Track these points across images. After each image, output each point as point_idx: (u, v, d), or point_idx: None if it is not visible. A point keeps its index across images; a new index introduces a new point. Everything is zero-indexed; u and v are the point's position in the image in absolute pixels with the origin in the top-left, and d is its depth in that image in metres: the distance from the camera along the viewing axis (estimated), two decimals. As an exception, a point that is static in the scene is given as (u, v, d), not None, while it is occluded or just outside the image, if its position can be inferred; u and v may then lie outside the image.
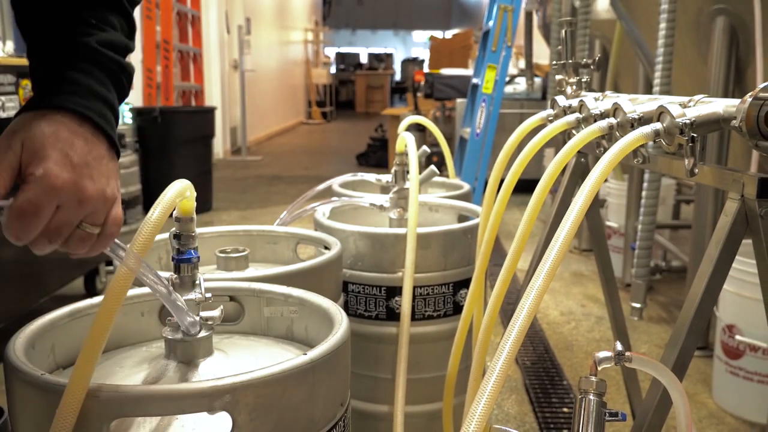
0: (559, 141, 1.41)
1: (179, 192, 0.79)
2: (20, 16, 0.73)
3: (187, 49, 6.76)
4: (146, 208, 4.36)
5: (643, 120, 1.02)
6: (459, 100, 5.86)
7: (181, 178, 0.80)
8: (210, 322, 0.88)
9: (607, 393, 0.76)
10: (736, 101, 0.88)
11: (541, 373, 2.41)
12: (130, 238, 0.72)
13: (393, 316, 1.55)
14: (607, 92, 1.27)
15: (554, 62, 1.49)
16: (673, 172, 1.13)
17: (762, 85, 0.85)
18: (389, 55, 21.73)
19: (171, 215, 0.79)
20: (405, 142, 1.67)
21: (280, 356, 0.96)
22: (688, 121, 0.89)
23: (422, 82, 6.73)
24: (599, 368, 0.75)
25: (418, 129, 5.65)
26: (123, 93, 0.73)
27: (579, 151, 1.49)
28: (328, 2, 18.39)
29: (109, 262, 3.10)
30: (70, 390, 0.69)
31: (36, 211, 0.61)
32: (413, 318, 1.53)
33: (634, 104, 1.05)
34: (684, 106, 0.94)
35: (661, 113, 0.93)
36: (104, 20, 0.72)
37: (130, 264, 0.71)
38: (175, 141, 4.85)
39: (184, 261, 0.86)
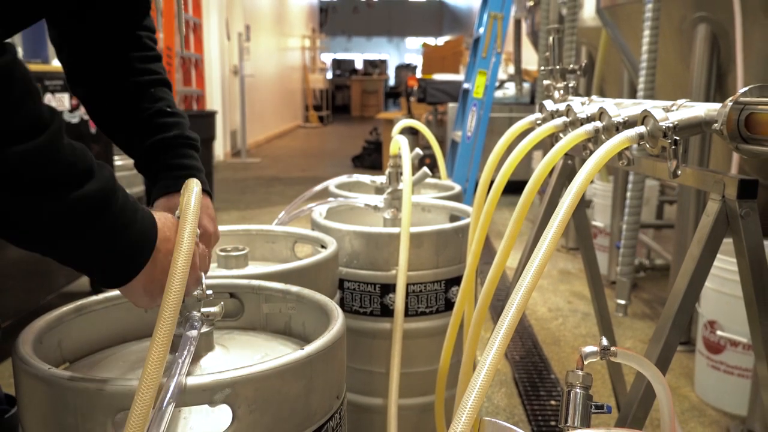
0: (547, 144, 1.43)
1: (198, 199, 0.82)
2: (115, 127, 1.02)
3: (189, 55, 6.74)
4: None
5: (628, 123, 1.03)
6: (450, 105, 5.89)
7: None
8: (211, 318, 0.89)
9: (593, 386, 0.77)
10: (718, 105, 0.89)
11: (530, 367, 2.44)
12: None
13: (387, 312, 1.57)
14: (593, 97, 1.28)
15: (542, 68, 1.52)
16: (657, 174, 1.16)
17: (742, 90, 0.86)
18: (383, 61, 21.73)
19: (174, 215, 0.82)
20: (398, 144, 1.68)
21: (278, 351, 0.97)
22: (671, 125, 0.90)
23: (415, 87, 6.75)
24: (585, 362, 0.76)
25: (412, 132, 5.66)
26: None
27: (566, 154, 1.51)
28: (325, 10, 18.41)
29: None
30: (141, 391, 0.69)
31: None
32: (406, 314, 1.55)
33: (619, 108, 1.06)
34: (667, 110, 0.93)
35: (645, 117, 0.93)
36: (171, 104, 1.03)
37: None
38: (177, 144, 4.87)
39: (186, 259, 0.88)
